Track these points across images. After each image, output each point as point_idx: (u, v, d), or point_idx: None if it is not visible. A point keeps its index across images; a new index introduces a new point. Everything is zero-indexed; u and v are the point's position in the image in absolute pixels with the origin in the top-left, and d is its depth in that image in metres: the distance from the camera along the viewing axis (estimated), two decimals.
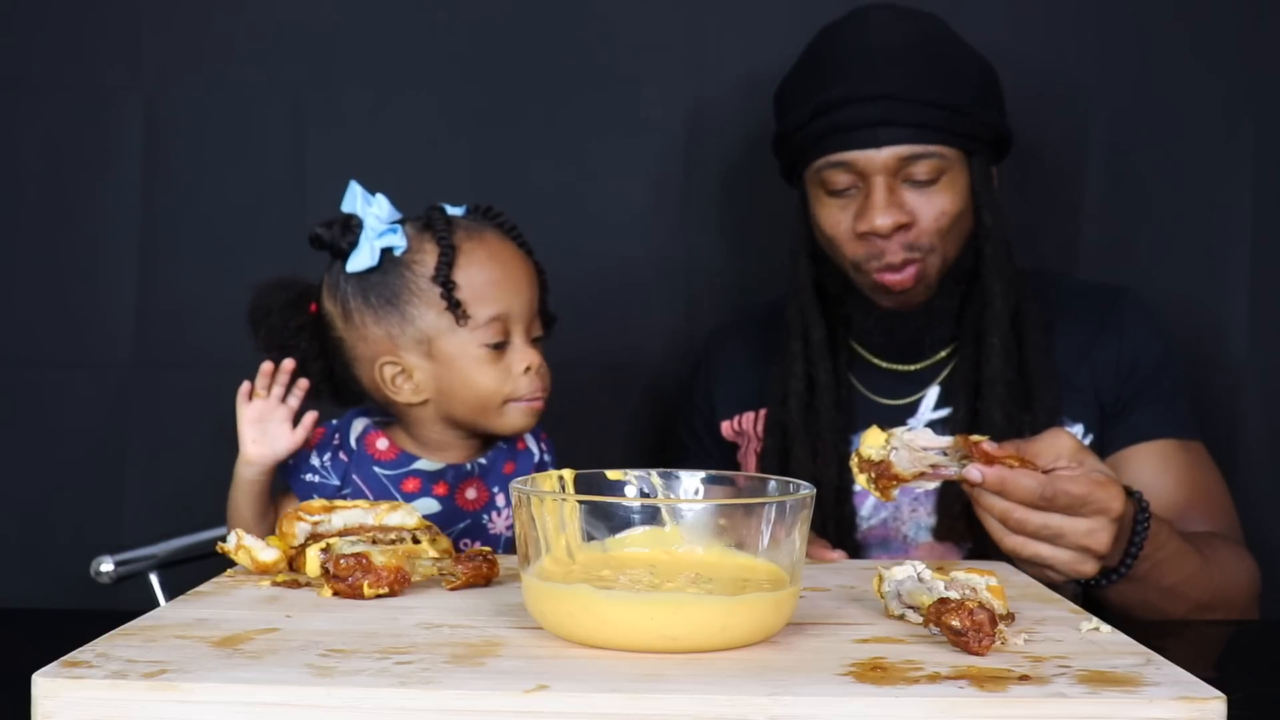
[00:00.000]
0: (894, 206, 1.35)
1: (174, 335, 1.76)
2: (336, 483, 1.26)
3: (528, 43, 1.75)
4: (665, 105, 1.76)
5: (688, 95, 1.75)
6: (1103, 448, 1.40)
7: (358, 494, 1.25)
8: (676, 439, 1.62)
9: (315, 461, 1.27)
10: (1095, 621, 0.84)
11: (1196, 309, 1.72)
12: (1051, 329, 1.42)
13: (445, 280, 1.22)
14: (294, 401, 1.25)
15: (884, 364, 1.47)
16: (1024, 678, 0.70)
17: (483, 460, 1.30)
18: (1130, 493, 1.16)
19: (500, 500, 1.30)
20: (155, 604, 1.40)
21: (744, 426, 1.52)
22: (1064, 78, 1.73)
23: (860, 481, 1.08)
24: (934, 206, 1.36)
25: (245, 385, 1.24)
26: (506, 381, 1.25)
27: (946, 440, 1.08)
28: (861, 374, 1.48)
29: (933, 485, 1.10)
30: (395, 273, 1.24)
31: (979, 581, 0.82)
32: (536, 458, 1.33)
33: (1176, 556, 1.21)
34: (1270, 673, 1.04)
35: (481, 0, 1.76)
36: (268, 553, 0.97)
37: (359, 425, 1.30)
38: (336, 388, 1.31)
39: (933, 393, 1.44)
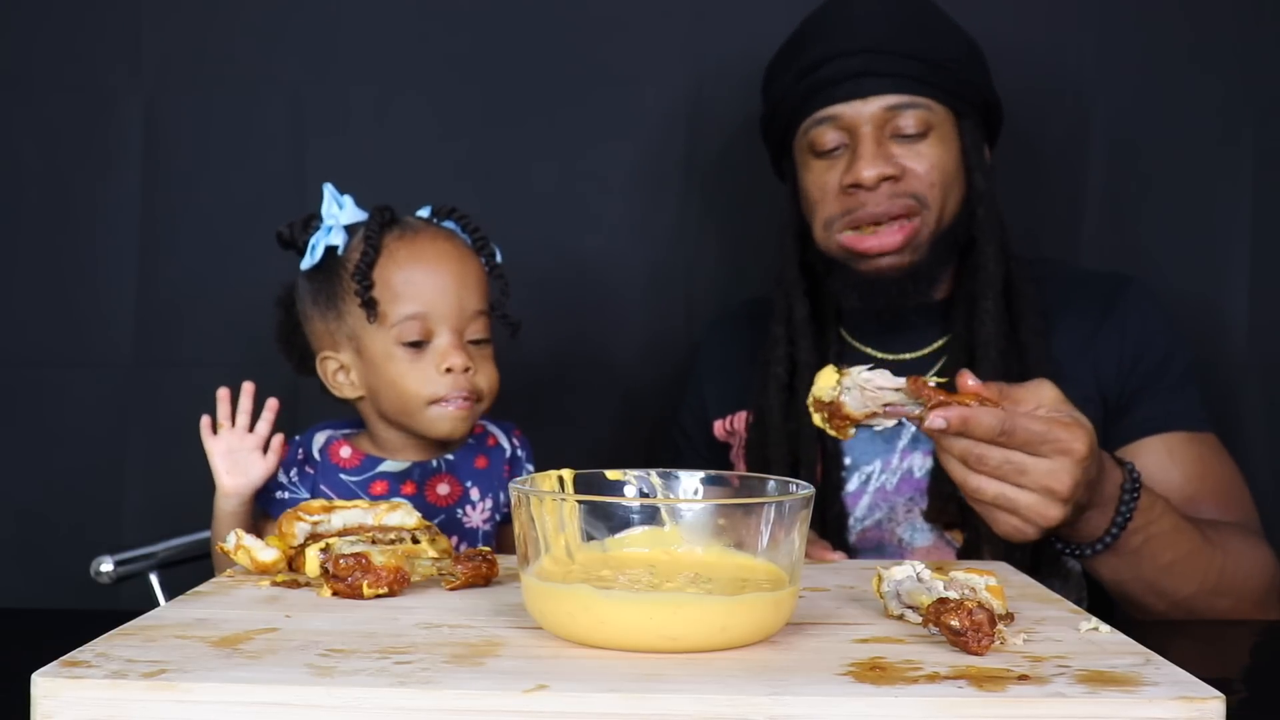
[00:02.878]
0: (880, 158, 1.35)
1: (174, 335, 1.76)
2: (305, 496, 1.27)
3: (527, 43, 1.75)
4: (664, 105, 1.76)
5: (687, 95, 1.76)
6: (1108, 443, 1.37)
7: None
8: (670, 445, 1.61)
9: (283, 478, 1.27)
10: (1094, 621, 0.84)
11: (1197, 306, 1.72)
12: (1052, 318, 1.40)
13: (362, 277, 1.24)
14: (264, 428, 1.25)
15: (878, 354, 1.45)
16: (1023, 677, 0.70)
17: (450, 456, 1.31)
18: (1121, 463, 1.15)
19: (475, 494, 1.31)
20: (155, 604, 1.40)
21: (735, 426, 1.51)
22: (1065, 73, 1.73)
23: (815, 420, 1.08)
24: (925, 160, 1.36)
25: (205, 419, 1.24)
26: (429, 382, 1.24)
27: (901, 381, 1.07)
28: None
29: (889, 423, 1.09)
30: (333, 271, 1.27)
31: (978, 581, 0.82)
32: (508, 452, 1.34)
33: (1172, 533, 1.19)
34: (1270, 673, 1.04)
35: (481, 1, 1.76)
36: (267, 553, 0.97)
37: (321, 437, 1.31)
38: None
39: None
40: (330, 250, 1.27)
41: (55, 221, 1.77)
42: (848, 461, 1.42)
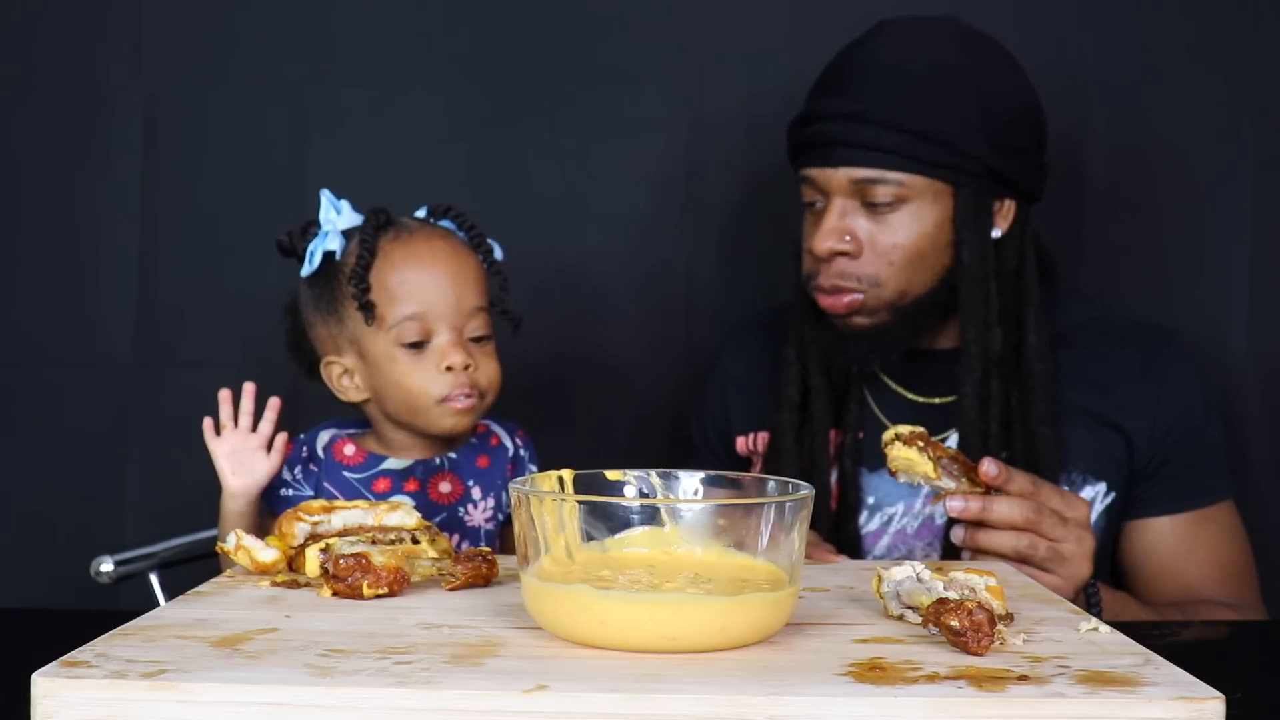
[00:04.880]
0: (836, 232, 1.32)
1: (174, 335, 1.76)
2: (310, 493, 1.28)
3: (528, 43, 1.75)
4: (665, 106, 1.76)
5: (688, 96, 1.75)
6: (1128, 508, 1.38)
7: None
8: (684, 439, 1.60)
9: (287, 475, 1.28)
10: (1094, 622, 0.84)
11: (1197, 305, 1.72)
12: (1085, 375, 1.38)
13: (358, 281, 1.24)
14: (267, 428, 1.25)
15: (909, 395, 1.43)
16: (1023, 678, 0.70)
17: (453, 455, 1.31)
18: None
19: (476, 493, 1.31)
20: (155, 604, 1.40)
21: (757, 445, 1.49)
22: (1064, 76, 1.73)
23: (905, 459, 1.09)
24: (887, 237, 1.32)
25: (208, 421, 1.24)
26: (432, 382, 1.25)
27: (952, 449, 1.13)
28: (887, 406, 1.43)
29: (950, 484, 1.11)
30: (332, 276, 1.28)
31: (978, 582, 0.82)
32: (511, 452, 1.34)
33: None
34: (1270, 673, 1.04)
35: (482, 0, 1.76)
36: (267, 553, 0.97)
37: (325, 436, 1.32)
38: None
39: (956, 437, 1.38)
40: (328, 256, 1.28)
41: (55, 221, 1.76)
42: (870, 501, 1.41)
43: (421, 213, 1.33)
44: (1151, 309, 1.64)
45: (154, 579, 1.47)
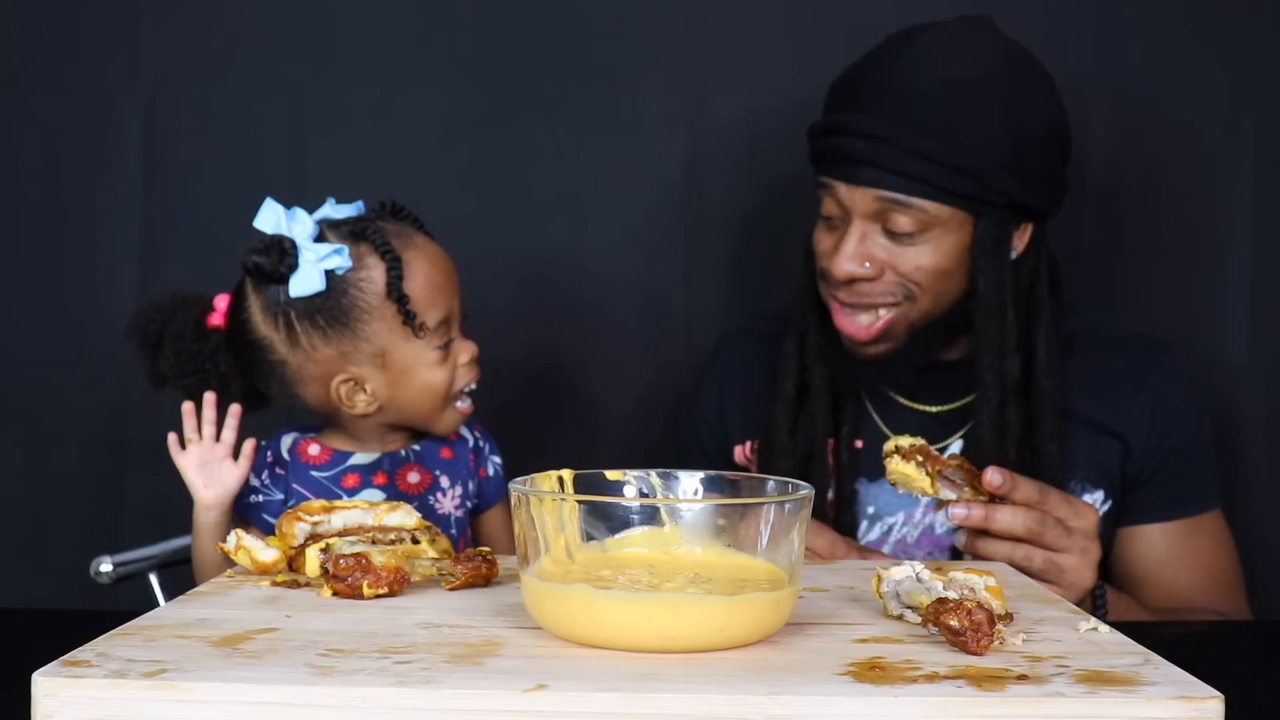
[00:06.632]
0: (857, 257, 1.30)
1: None
2: (280, 497, 1.27)
3: (528, 43, 1.75)
4: (666, 106, 1.76)
5: (688, 96, 1.75)
6: (1121, 515, 1.39)
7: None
8: (678, 447, 1.59)
9: (255, 482, 1.27)
10: (1093, 621, 0.84)
11: (1196, 308, 1.72)
12: (1083, 385, 1.38)
13: (399, 296, 1.23)
14: (230, 436, 1.25)
15: (911, 404, 1.42)
16: (1022, 677, 0.70)
17: (416, 447, 1.32)
18: None
19: (445, 481, 1.31)
20: (155, 604, 1.40)
21: (754, 454, 1.48)
22: (1064, 77, 1.72)
23: (903, 474, 1.08)
24: (909, 261, 1.30)
25: (173, 436, 1.24)
26: (458, 377, 1.28)
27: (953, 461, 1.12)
28: (888, 414, 1.43)
29: (951, 495, 1.11)
30: (341, 292, 1.23)
31: (977, 581, 0.82)
32: (471, 443, 1.35)
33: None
34: (1269, 673, 1.04)
35: (482, 0, 1.76)
36: (267, 553, 0.97)
37: (288, 439, 1.31)
38: (251, 400, 1.31)
39: (958, 445, 1.39)
40: (327, 272, 1.24)
41: (55, 221, 1.77)
42: (870, 510, 1.41)
43: (354, 208, 1.29)
44: (1151, 313, 1.64)
45: (154, 579, 1.48)
